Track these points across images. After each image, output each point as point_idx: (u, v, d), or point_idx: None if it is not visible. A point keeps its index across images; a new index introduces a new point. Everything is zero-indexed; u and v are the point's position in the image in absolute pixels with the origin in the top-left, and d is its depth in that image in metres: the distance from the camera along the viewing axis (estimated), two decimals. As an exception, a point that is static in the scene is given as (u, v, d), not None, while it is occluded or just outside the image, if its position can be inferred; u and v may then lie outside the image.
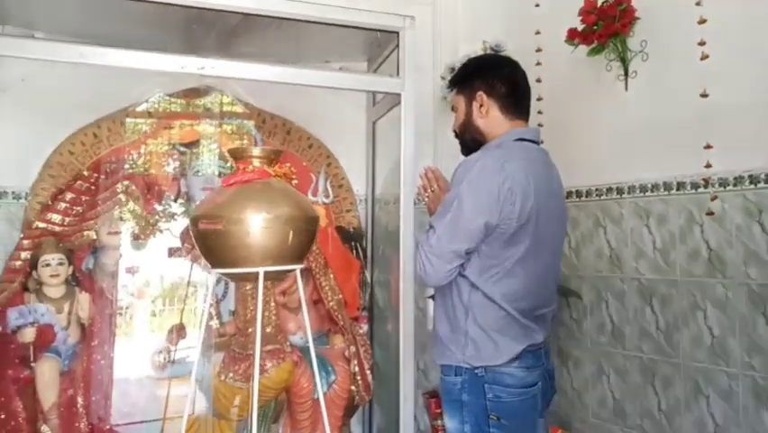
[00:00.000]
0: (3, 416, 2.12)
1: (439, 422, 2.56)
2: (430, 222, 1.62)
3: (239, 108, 2.79)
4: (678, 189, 2.07)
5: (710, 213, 1.94)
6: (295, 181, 1.81)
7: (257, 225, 1.57)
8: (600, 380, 2.34)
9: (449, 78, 2.71)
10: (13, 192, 2.46)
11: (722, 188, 1.93)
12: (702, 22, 1.95)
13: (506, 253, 1.54)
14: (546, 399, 1.68)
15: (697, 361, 1.99)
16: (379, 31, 2.43)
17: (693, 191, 2.02)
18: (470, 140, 1.72)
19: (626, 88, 2.24)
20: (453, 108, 1.80)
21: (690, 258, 2.03)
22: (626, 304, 2.24)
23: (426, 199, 1.82)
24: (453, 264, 1.54)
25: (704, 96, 1.94)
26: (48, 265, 2.31)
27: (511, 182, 1.51)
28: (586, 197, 2.43)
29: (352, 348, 2.44)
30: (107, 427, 2.29)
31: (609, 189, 2.33)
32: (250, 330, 2.30)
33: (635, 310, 2.21)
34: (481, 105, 1.68)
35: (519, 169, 1.54)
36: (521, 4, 2.75)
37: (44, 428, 2.19)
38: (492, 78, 1.68)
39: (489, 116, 1.68)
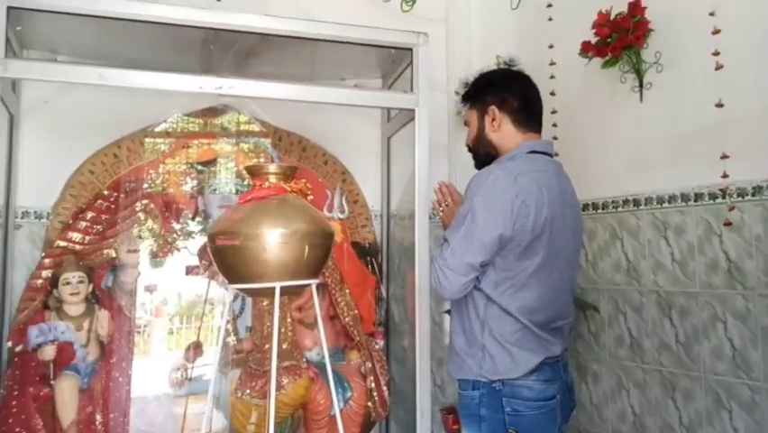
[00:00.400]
0: (23, 433, 2.15)
1: (457, 438, 2.54)
2: (444, 236, 1.63)
3: (256, 127, 2.83)
4: (695, 200, 2.05)
5: (728, 223, 1.93)
6: (310, 197, 1.83)
7: (273, 241, 1.59)
8: (620, 394, 2.31)
9: (463, 93, 2.75)
10: (35, 212, 2.50)
11: (740, 198, 1.91)
12: (716, 32, 1.95)
13: (520, 266, 1.54)
14: (565, 412, 1.67)
15: (718, 374, 1.96)
16: (393, 48, 2.45)
17: (711, 202, 2.00)
18: (484, 154, 1.74)
19: (641, 100, 2.24)
20: (466, 123, 1.81)
21: (710, 269, 2.00)
22: (644, 317, 2.22)
23: (441, 214, 1.83)
24: (469, 277, 1.54)
25: (719, 105, 1.94)
26: (68, 283, 2.34)
27: (525, 195, 1.51)
28: (602, 209, 2.41)
29: (368, 364, 2.43)
30: (126, 444, 2.30)
31: (626, 201, 2.31)
32: (266, 346, 2.30)
33: (653, 323, 2.18)
34: (494, 120, 1.69)
35: (532, 181, 1.54)
36: (534, 19, 2.77)
37: (64, 445, 2.20)
38: (504, 92, 1.70)
39: (502, 130, 1.69)
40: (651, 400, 2.18)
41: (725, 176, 1.92)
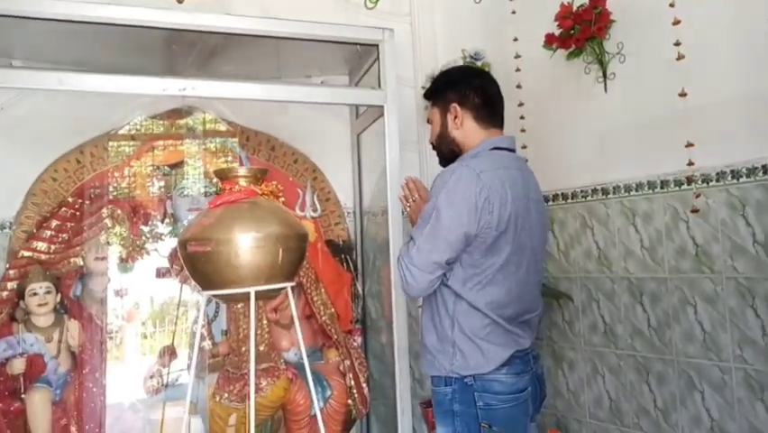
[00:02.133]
0: (-5, 450, 2.09)
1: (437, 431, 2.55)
2: (410, 233, 1.63)
3: (222, 127, 2.78)
4: (662, 188, 2.10)
5: (695, 210, 1.97)
6: (282, 199, 1.81)
7: (246, 246, 1.57)
8: (595, 380, 2.35)
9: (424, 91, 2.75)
10: (-4, 222, 2.43)
11: (705, 185, 1.95)
12: (677, 23, 1.98)
13: (487, 262, 1.56)
14: (536, 403, 1.69)
15: (689, 356, 2.01)
16: (358, 44, 2.43)
17: (677, 189, 2.04)
18: (447, 151, 1.74)
19: (606, 90, 2.28)
20: (429, 121, 1.82)
21: (678, 255, 2.05)
22: (616, 303, 2.26)
23: (408, 210, 1.83)
24: (435, 275, 1.56)
25: (682, 95, 1.98)
26: (35, 294, 2.28)
27: (488, 191, 1.53)
28: (572, 199, 2.45)
29: (347, 362, 2.43)
30: (103, 455, 2.26)
31: (594, 190, 2.35)
32: (243, 349, 2.29)
33: (626, 309, 2.23)
34: (456, 117, 1.70)
35: (495, 178, 1.56)
36: (498, 12, 2.78)
37: (38, 460, 2.15)
38: (465, 88, 1.70)
39: (464, 127, 1.70)
40: (626, 385, 2.23)
41: (690, 163, 1.97)
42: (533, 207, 1.67)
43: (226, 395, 2.26)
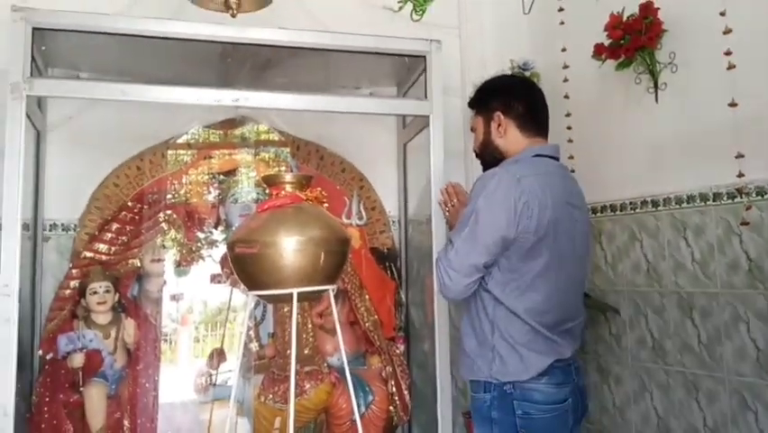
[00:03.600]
0: (54, 438, 2.21)
1: (479, 442, 2.54)
2: (449, 236, 1.65)
3: (274, 137, 2.87)
4: (714, 200, 2.04)
5: (745, 223, 1.91)
6: (326, 204, 1.87)
7: (290, 248, 1.62)
8: (643, 396, 2.29)
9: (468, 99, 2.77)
10: (62, 224, 2.57)
11: (759, 197, 1.89)
12: (728, 32, 1.94)
13: (525, 267, 1.55)
14: (577, 416, 1.66)
15: (742, 375, 1.94)
16: (406, 56, 2.48)
17: (730, 201, 1.98)
18: (491, 159, 1.76)
19: (657, 100, 2.23)
20: (472, 129, 1.84)
21: (730, 269, 1.99)
22: (665, 318, 2.20)
23: (447, 214, 1.85)
24: (472, 278, 1.56)
25: (733, 105, 1.92)
26: (95, 293, 2.40)
27: (527, 196, 1.53)
28: (620, 210, 2.41)
29: (389, 369, 2.46)
30: (153, 450, 2.35)
31: (644, 202, 2.30)
32: (288, 352, 2.34)
33: (675, 324, 2.17)
34: (499, 125, 1.71)
35: (535, 183, 1.56)
36: (546, 22, 2.78)
37: (93, 450, 2.26)
38: (508, 97, 1.72)
39: (508, 135, 1.71)
40: (674, 402, 2.16)
41: (740, 175, 1.91)
42: (575, 214, 1.66)
43: (271, 396, 2.32)
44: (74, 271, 2.47)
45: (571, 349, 1.63)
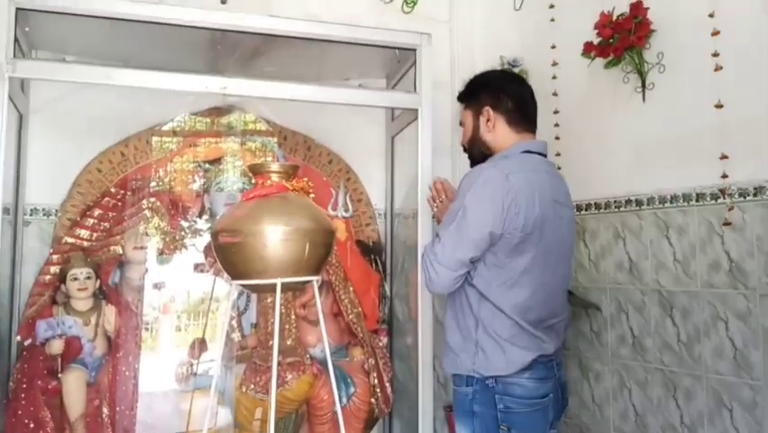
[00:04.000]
0: (32, 425, 2.18)
1: (459, 435, 2.56)
2: (436, 231, 1.65)
3: (261, 126, 2.85)
4: (697, 200, 2.06)
5: (727, 223, 1.93)
6: (312, 195, 1.86)
7: (275, 238, 1.61)
8: (621, 393, 2.31)
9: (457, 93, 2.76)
10: (43, 209, 2.54)
11: (742, 198, 1.91)
12: (716, 33, 1.95)
13: (512, 264, 1.56)
14: (557, 410, 1.68)
15: (719, 373, 1.97)
16: (397, 48, 2.47)
17: (713, 202, 2.00)
18: (478, 153, 1.76)
19: (644, 100, 2.25)
20: (461, 123, 1.84)
21: (711, 269, 2.01)
22: (646, 316, 2.23)
23: (435, 210, 1.85)
24: (458, 273, 1.57)
25: (719, 106, 1.94)
26: (76, 279, 2.38)
27: (515, 193, 1.53)
28: (605, 208, 2.42)
29: (372, 361, 2.46)
30: (132, 438, 2.34)
31: (628, 201, 2.32)
32: (271, 343, 2.33)
33: (655, 322, 2.19)
34: (488, 120, 1.71)
35: (524, 179, 1.56)
36: (537, 20, 2.78)
37: (71, 437, 2.24)
38: (498, 92, 1.72)
39: (496, 130, 1.71)
40: (652, 400, 2.19)
41: (724, 176, 1.93)
42: (560, 211, 1.67)
43: (252, 386, 2.31)
44: (55, 256, 2.44)
45: (555, 345, 1.65)
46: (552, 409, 1.64)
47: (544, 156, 1.74)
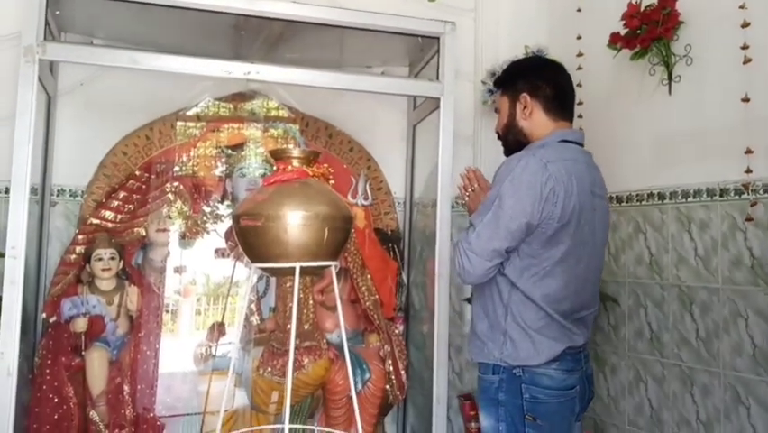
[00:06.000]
0: (56, 400, 2.24)
1: (473, 424, 2.57)
2: (470, 220, 1.64)
3: (284, 112, 2.87)
4: (721, 195, 2.03)
5: (750, 219, 1.90)
6: (332, 181, 1.87)
7: (294, 222, 1.63)
8: (637, 387, 2.30)
9: (490, 83, 2.74)
10: (70, 190, 2.59)
11: (766, 194, 1.88)
12: (746, 25, 1.91)
13: (545, 254, 1.54)
14: (583, 402, 1.67)
15: (737, 370, 1.95)
16: (420, 36, 2.46)
17: (737, 197, 1.98)
18: (513, 141, 1.74)
19: (670, 93, 2.22)
20: (496, 110, 1.81)
21: (733, 265, 1.99)
22: (665, 311, 2.21)
23: (467, 199, 1.84)
24: (493, 262, 1.55)
25: (745, 100, 1.91)
26: (100, 259, 2.43)
27: (554, 182, 1.51)
28: (626, 202, 2.40)
29: (387, 348, 2.48)
30: (151, 415, 2.38)
31: (651, 195, 2.30)
32: (288, 327, 2.36)
33: (674, 317, 2.18)
34: (525, 107, 1.69)
35: (562, 169, 1.54)
36: (563, 9, 2.75)
37: (92, 413, 2.29)
38: (536, 79, 1.69)
39: (533, 118, 1.69)
40: (668, 395, 2.18)
41: (748, 171, 1.90)
42: (597, 203, 1.65)
43: (269, 369, 2.34)
44: (80, 236, 2.49)
45: (584, 337, 1.63)
46: (578, 402, 1.63)
47: (581, 145, 1.72)
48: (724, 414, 1.98)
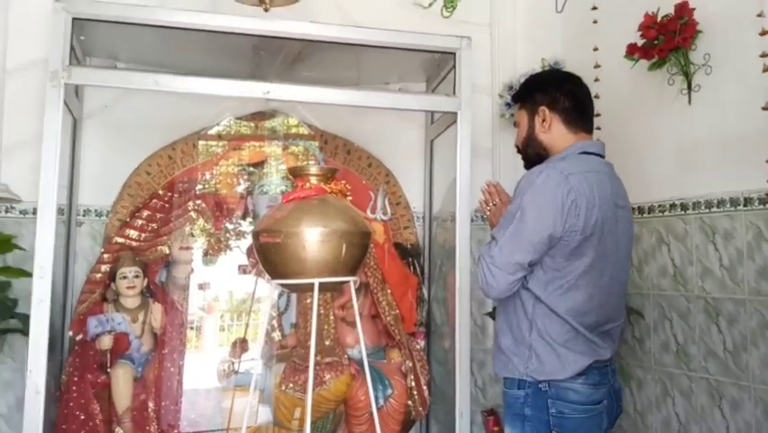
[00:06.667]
0: (82, 417, 2.27)
1: (497, 440, 2.54)
2: (492, 234, 1.63)
3: (303, 130, 2.91)
4: (745, 205, 2.00)
5: (774, 228, 1.87)
6: (350, 197, 1.89)
7: (313, 239, 1.65)
8: (665, 401, 2.26)
9: (507, 96, 2.75)
10: (95, 210, 2.65)
11: (791, 204, 1.85)
12: (764, 33, 1.90)
13: (569, 267, 1.53)
14: (611, 418, 1.64)
15: (767, 383, 1.90)
16: (437, 52, 2.48)
17: (761, 207, 1.95)
18: (533, 154, 1.73)
19: (690, 102, 2.20)
20: (515, 124, 1.81)
21: (759, 276, 1.95)
22: (691, 323, 2.17)
23: (488, 213, 1.83)
24: (516, 276, 1.54)
25: (766, 108, 1.88)
26: (125, 278, 2.47)
27: (575, 194, 1.50)
28: (648, 213, 2.38)
29: (409, 363, 2.46)
30: (175, 432, 2.40)
31: (673, 205, 2.27)
32: (310, 342, 2.37)
33: (700, 330, 2.14)
34: (544, 120, 1.69)
35: (584, 181, 1.53)
36: (579, 22, 2.75)
37: (118, 430, 2.32)
38: (555, 92, 1.69)
39: (552, 130, 1.68)
40: (697, 409, 2.13)
41: (771, 179, 1.87)
42: (620, 214, 1.63)
43: (291, 385, 2.34)
44: (105, 255, 2.54)
45: (611, 351, 1.61)
46: (606, 417, 1.60)
47: (603, 157, 1.71)
48: (755, 429, 1.93)
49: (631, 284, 2.42)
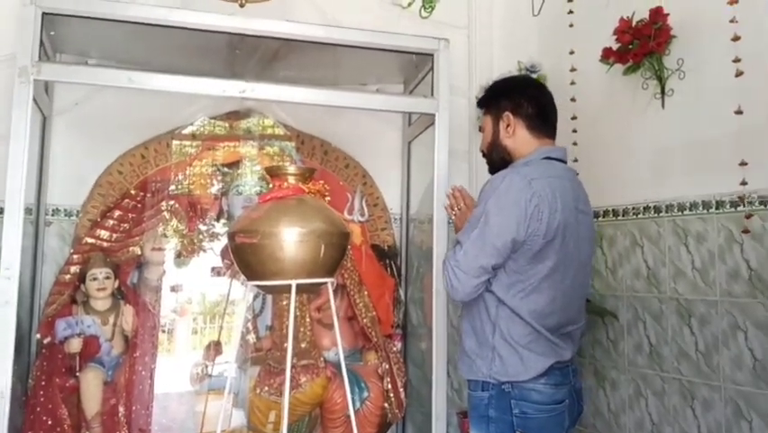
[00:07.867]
0: (50, 422, 2.21)
1: (473, 442, 2.54)
2: (457, 237, 1.65)
3: (279, 130, 2.87)
4: (717, 208, 2.03)
5: (746, 231, 1.90)
6: (328, 198, 1.87)
7: (290, 239, 1.63)
8: (638, 402, 2.29)
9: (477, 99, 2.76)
10: (65, 210, 2.58)
11: (762, 206, 1.89)
12: (736, 39, 1.93)
13: (532, 270, 1.56)
14: (573, 416, 1.68)
15: (738, 384, 1.93)
16: (414, 54, 2.48)
17: (732, 210, 1.98)
18: (498, 159, 1.76)
19: (663, 106, 2.23)
20: (481, 129, 1.84)
21: (730, 278, 1.98)
22: (663, 324, 2.20)
23: (453, 218, 1.85)
24: (480, 279, 1.56)
25: (739, 112, 1.92)
26: (95, 279, 2.41)
27: (538, 199, 1.53)
28: (623, 215, 2.40)
29: (386, 365, 2.46)
30: (147, 437, 2.36)
31: (647, 208, 2.30)
32: (285, 345, 2.33)
33: (673, 331, 2.16)
34: (508, 125, 1.71)
35: (547, 186, 1.56)
36: (555, 25, 2.77)
37: (87, 435, 2.27)
38: (519, 97, 1.72)
39: (516, 136, 1.71)
40: (669, 409, 2.16)
41: (743, 183, 1.90)
42: (581, 218, 1.66)
43: (266, 388, 2.32)
44: (75, 256, 2.47)
45: (571, 352, 1.64)
46: (568, 416, 1.63)
47: (565, 162, 1.73)
48: (726, 428, 1.96)
49: (605, 286, 2.45)
